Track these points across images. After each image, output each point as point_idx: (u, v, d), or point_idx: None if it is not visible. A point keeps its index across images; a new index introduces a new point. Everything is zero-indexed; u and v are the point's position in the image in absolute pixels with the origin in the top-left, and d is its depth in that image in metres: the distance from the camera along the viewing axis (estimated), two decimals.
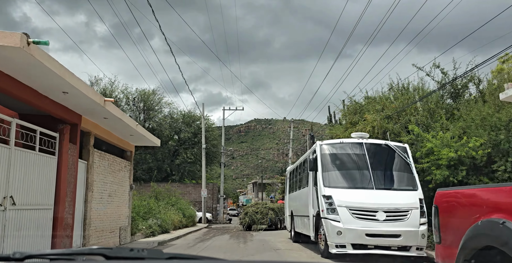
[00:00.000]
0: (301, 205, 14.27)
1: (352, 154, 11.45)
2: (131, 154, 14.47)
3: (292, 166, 17.74)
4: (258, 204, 25.14)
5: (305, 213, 13.43)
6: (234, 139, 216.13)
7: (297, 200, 15.39)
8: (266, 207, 24.18)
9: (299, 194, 14.68)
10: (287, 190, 18.97)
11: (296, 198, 15.49)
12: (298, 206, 15.18)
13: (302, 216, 13.99)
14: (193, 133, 35.77)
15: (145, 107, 34.95)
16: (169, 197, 26.51)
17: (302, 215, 14.12)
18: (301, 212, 14.29)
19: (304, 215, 13.53)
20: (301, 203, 14.27)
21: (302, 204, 14.17)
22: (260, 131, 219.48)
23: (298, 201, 15.03)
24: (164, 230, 19.51)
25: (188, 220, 26.80)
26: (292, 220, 16.45)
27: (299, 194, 14.79)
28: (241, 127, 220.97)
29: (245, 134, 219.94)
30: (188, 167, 36.27)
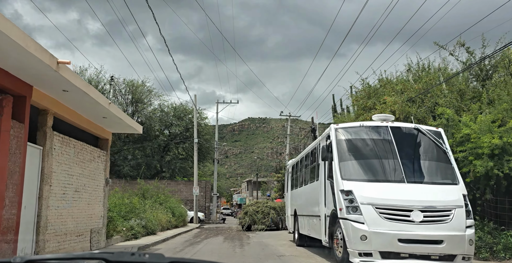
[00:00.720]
0: (308, 202, 12.05)
1: (375, 139, 9.23)
2: (107, 142, 12.15)
3: (295, 159, 15.51)
4: (258, 203, 23.38)
5: (313, 212, 11.22)
6: (228, 137, 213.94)
7: (302, 197, 13.17)
8: (267, 206, 22.52)
9: (306, 190, 12.46)
10: (288, 186, 16.73)
11: (301, 194, 13.27)
12: (303, 204, 12.95)
13: (310, 216, 11.77)
14: (184, 127, 33.37)
15: (133, 100, 32.51)
16: (157, 195, 24.19)
17: (309, 214, 11.89)
18: (308, 211, 12.07)
19: (313, 214, 11.31)
20: (309, 200, 12.05)
21: (309, 202, 11.95)
22: (254, 130, 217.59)
23: (304, 199, 12.80)
24: (149, 232, 17.20)
25: (178, 220, 24.51)
26: (296, 220, 14.22)
27: (305, 190, 12.57)
28: (234, 126, 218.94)
29: (239, 133, 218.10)
30: (179, 163, 33.88)
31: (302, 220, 13.14)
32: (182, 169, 34.18)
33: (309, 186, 11.96)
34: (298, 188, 13.88)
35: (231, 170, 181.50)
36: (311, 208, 11.58)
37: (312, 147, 11.86)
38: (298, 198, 14.01)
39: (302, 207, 13.18)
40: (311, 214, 11.63)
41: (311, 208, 11.68)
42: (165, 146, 34.65)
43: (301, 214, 13.26)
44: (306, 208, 12.53)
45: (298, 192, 14.00)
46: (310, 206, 11.86)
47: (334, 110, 20.62)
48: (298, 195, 14.00)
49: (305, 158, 13.02)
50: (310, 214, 11.78)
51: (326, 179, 9.72)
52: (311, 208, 11.68)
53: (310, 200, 11.84)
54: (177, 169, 33.34)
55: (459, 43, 13.45)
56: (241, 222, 22.78)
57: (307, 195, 12.21)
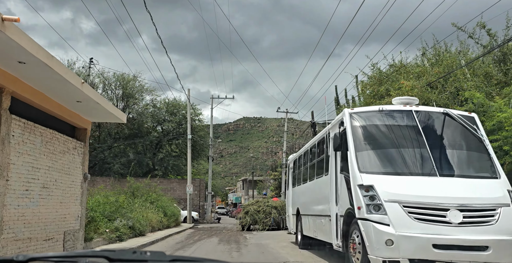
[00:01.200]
0: (315, 200, 10.58)
1: (398, 125, 7.77)
2: (86, 133, 10.60)
3: (297, 153, 14.04)
4: (259, 202, 22.35)
5: (321, 211, 9.75)
6: (223, 137, 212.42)
7: (306, 195, 11.69)
8: (268, 205, 21.54)
9: (311, 186, 10.97)
10: (289, 183, 15.27)
11: (306, 192, 11.79)
12: (309, 202, 11.47)
13: (317, 215, 10.29)
14: (177, 123, 31.75)
15: (124, 95, 30.88)
16: (148, 194, 22.63)
17: (316, 214, 10.42)
18: (315, 210, 10.60)
19: (320, 214, 9.84)
20: (315, 198, 10.58)
21: (316, 200, 10.48)
22: (249, 129, 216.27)
23: (309, 196, 11.32)
24: (137, 233, 15.66)
25: (170, 220, 22.96)
26: (299, 220, 12.74)
27: (310, 187, 11.09)
28: (229, 126, 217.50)
29: (233, 132, 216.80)
30: (172, 161, 32.28)
31: (306, 220, 11.66)
32: (175, 166, 32.58)
33: (315, 181, 10.49)
34: (302, 185, 12.41)
35: (226, 169, 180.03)
36: (318, 207, 10.12)
37: (319, 137, 10.37)
38: (301, 196, 12.53)
39: (307, 206, 11.71)
40: (318, 213, 10.16)
41: (318, 207, 10.21)
42: (158, 143, 33.06)
43: (305, 214, 11.78)
44: (311, 206, 11.06)
45: (301, 189, 12.53)
46: (316, 204, 10.39)
47: (337, 103, 19.15)
48: (301, 193, 12.53)
49: (310, 151, 11.54)
50: (316, 214, 10.31)
51: (338, 172, 8.26)
52: (318, 207, 10.21)
53: (317, 198, 10.37)
54: (170, 166, 31.73)
55: (480, 24, 12.04)
56: (241, 222, 21.72)
57: (313, 192, 10.74)
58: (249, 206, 22.27)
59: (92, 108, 9.45)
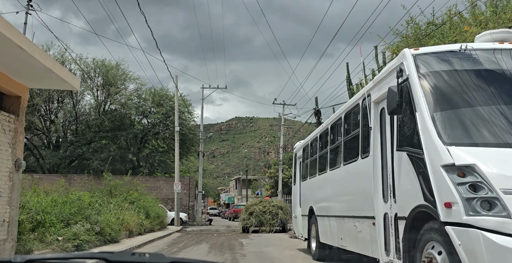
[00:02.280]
0: (342, 195, 7.55)
1: (492, 71, 4.82)
2: (19, 102, 7.47)
3: (309, 137, 10.95)
4: (263, 202, 20.92)
5: (354, 210, 6.75)
6: (215, 137, 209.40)
7: (327, 188, 8.62)
8: (274, 205, 20.27)
9: (335, 176, 7.92)
10: (297, 176, 12.21)
11: (325, 184, 8.72)
12: (330, 198, 8.41)
13: (345, 217, 7.25)
14: (164, 115, 28.54)
15: (104, 83, 27.63)
16: (127, 192, 19.49)
17: (343, 214, 7.38)
18: (340, 208, 7.58)
19: (352, 215, 6.82)
20: (342, 191, 7.54)
21: (343, 194, 7.45)
22: (242, 129, 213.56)
23: (331, 190, 8.27)
24: (108, 240, 12.51)
25: (154, 222, 19.83)
26: (312, 223, 9.71)
27: (333, 177, 8.04)
28: (222, 126, 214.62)
29: (226, 132, 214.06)
30: (159, 157, 29.07)
31: (325, 222, 8.61)
32: (162, 163, 29.38)
33: (341, 169, 7.45)
34: (317, 176, 9.37)
35: (218, 169, 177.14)
36: (349, 204, 7.10)
37: (350, 106, 7.30)
38: (317, 191, 9.48)
39: (326, 203, 8.67)
40: (347, 213, 7.13)
41: (347, 204, 7.20)
42: (143, 137, 29.87)
43: (324, 214, 8.74)
44: (334, 204, 8.04)
45: (316, 182, 9.49)
46: (345, 201, 7.37)
47: (349, 83, 16.17)
48: (316, 186, 9.49)
49: (330, 130, 8.51)
50: (345, 214, 7.28)
51: (393, 150, 5.25)
52: (347, 204, 7.20)
53: (345, 191, 7.34)
54: (156, 163, 28.53)
55: None
56: (246, 224, 20.10)
57: (338, 183, 7.70)
58: (252, 206, 20.57)
59: (28, 66, 6.35)
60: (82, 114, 28.57)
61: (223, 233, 21.18)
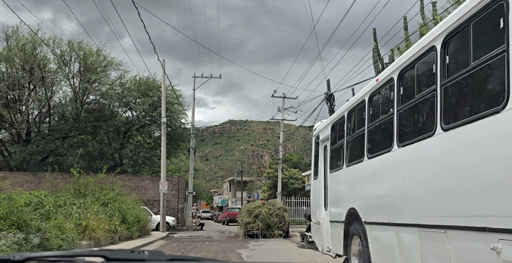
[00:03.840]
0: (442, 188, 3.99)
1: None
2: None
3: (344, 108, 7.38)
4: (268, 204, 19.66)
5: (484, 218, 3.24)
6: (208, 140, 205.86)
7: (395, 178, 5.02)
8: (280, 208, 19.15)
9: (414, 154, 4.41)
10: (320, 166, 8.63)
11: (390, 171, 5.08)
12: (402, 194, 4.81)
13: (452, 229, 3.75)
14: (150, 105, 24.84)
15: (82, 70, 23.91)
16: (100, 192, 15.88)
17: (447, 224, 3.85)
18: (440, 211, 4.00)
19: (479, 226, 3.32)
20: (440, 180, 4.00)
21: (447, 186, 3.91)
22: (235, 132, 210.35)
23: (404, 180, 4.71)
24: None
25: (133, 228, 16.19)
26: (355, 234, 6.19)
27: (409, 157, 4.52)
28: (215, 129, 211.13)
29: (219, 135, 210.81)
30: (144, 153, 25.33)
31: (387, 235, 5.07)
32: (148, 160, 25.65)
33: (446, 138, 3.95)
34: (368, 161, 5.82)
35: (212, 172, 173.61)
36: (472, 204, 3.57)
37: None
38: (368, 184, 5.89)
39: (392, 203, 5.07)
40: (465, 223, 3.61)
41: (468, 204, 3.65)
42: (126, 131, 26.16)
43: (385, 222, 5.17)
44: (417, 203, 4.44)
45: (367, 170, 5.93)
46: (456, 198, 3.83)
47: (377, 53, 12.63)
48: (369, 177, 5.91)
49: (401, 84, 5.01)
50: (456, 224, 3.75)
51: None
52: (468, 204, 3.65)
53: (458, 179, 3.81)
54: (140, 160, 24.81)
55: None
56: (252, 227, 18.58)
57: (437, 165, 4.09)
58: (256, 208, 19.12)
59: None
60: (58, 105, 24.85)
61: (217, 240, 17.62)
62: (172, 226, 23.24)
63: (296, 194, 31.07)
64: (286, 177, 31.40)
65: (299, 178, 31.90)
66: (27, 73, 22.68)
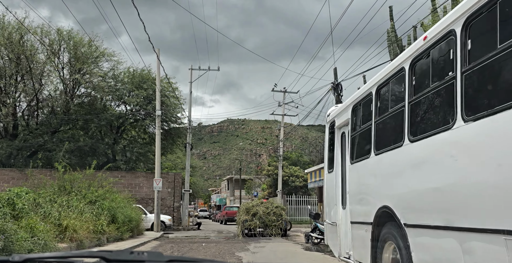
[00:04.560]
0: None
1: None
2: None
3: (369, 85, 6.04)
4: (266, 203, 19.44)
5: None
6: (206, 139, 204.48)
7: (461, 164, 3.72)
8: (277, 206, 18.90)
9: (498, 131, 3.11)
10: (337, 157, 7.28)
11: (449, 156, 3.80)
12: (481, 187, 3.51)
13: None
14: (145, 98, 23.40)
15: (72, 61, 22.45)
16: (87, 189, 14.50)
17: None
18: None
19: None
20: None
21: None
22: (233, 131, 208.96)
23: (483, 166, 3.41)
24: None
25: (123, 228, 14.84)
26: (389, 239, 4.85)
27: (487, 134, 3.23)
28: (213, 127, 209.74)
29: (217, 134, 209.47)
30: (138, 149, 23.90)
31: (450, 245, 3.67)
32: (143, 156, 24.24)
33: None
34: (408, 146, 4.48)
35: (210, 171, 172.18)
36: None
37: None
38: (414, 174, 4.53)
39: (460, 201, 3.67)
40: None
41: None
42: (120, 126, 24.74)
43: (447, 226, 3.77)
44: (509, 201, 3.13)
45: (406, 158, 4.58)
46: None
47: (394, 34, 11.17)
48: (411, 167, 4.54)
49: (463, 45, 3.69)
50: None
51: None
52: None
53: None
54: (134, 156, 23.39)
55: None
56: (249, 225, 18.31)
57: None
58: (254, 207, 18.89)
59: None
60: (47, 98, 23.42)
61: (214, 241, 16.29)
62: (168, 225, 21.88)
63: (297, 192, 29.75)
64: (286, 175, 30.07)
65: (300, 175, 30.59)
66: (13, 63, 21.26)
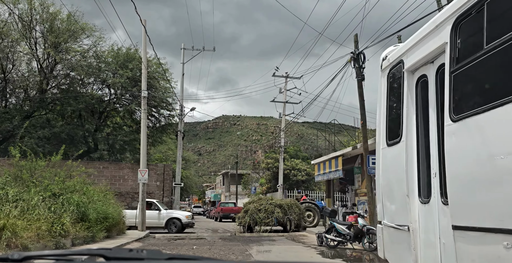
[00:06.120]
0: None
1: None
2: None
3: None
4: (261, 200, 18.66)
5: None
6: (202, 135, 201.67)
7: None
8: (271, 203, 17.99)
9: None
10: (432, 111, 4.45)
11: None
12: None
13: None
14: (131, 79, 20.41)
15: (46, 35, 19.39)
16: (50, 180, 11.58)
17: None
18: None
19: None
20: None
21: None
22: (228, 128, 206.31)
23: None
24: None
25: (97, 228, 11.93)
26: None
27: None
28: (208, 124, 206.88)
29: (212, 131, 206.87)
30: (122, 137, 20.92)
31: None
32: (128, 145, 21.27)
33: None
34: None
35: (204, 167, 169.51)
36: None
37: None
38: None
39: None
40: None
41: None
42: (102, 111, 21.73)
43: None
44: None
45: None
46: None
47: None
48: None
49: None
50: None
51: None
52: None
53: None
54: (117, 144, 20.42)
55: None
56: (240, 222, 18.08)
57: None
58: (249, 204, 18.33)
59: None
60: (19, 79, 20.38)
61: (208, 242, 13.45)
62: (186, 224, 18.28)
63: (299, 187, 27.02)
64: (287, 168, 27.33)
65: (302, 169, 27.88)
66: None
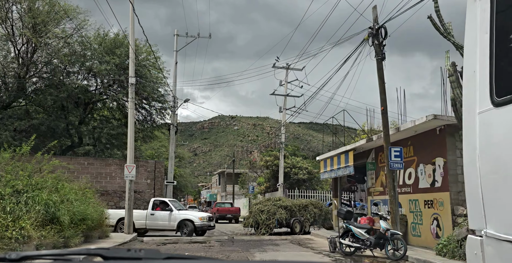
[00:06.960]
0: None
1: None
2: None
3: None
4: (269, 200, 17.75)
5: None
6: (197, 135, 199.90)
7: None
8: (276, 204, 16.93)
9: None
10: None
11: None
12: None
13: None
14: (118, 67, 18.53)
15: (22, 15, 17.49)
16: (14, 174, 9.74)
17: None
18: None
19: None
20: None
21: None
22: (224, 128, 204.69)
23: None
24: None
25: (70, 231, 10.08)
26: None
27: None
28: (204, 124, 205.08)
29: (208, 131, 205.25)
30: (108, 129, 19.04)
31: None
32: (115, 139, 19.40)
33: None
34: None
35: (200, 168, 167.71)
36: None
37: None
38: None
39: None
40: None
41: None
42: (88, 103, 19.84)
43: None
44: None
45: None
46: None
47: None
48: None
49: None
50: None
51: None
52: None
53: None
54: (103, 138, 18.56)
55: None
56: (244, 224, 17.64)
57: None
58: (256, 205, 17.67)
59: None
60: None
61: (203, 246, 11.67)
62: (199, 226, 15.66)
63: (300, 186, 25.30)
64: (288, 166, 25.61)
65: (303, 167, 26.19)
66: None
